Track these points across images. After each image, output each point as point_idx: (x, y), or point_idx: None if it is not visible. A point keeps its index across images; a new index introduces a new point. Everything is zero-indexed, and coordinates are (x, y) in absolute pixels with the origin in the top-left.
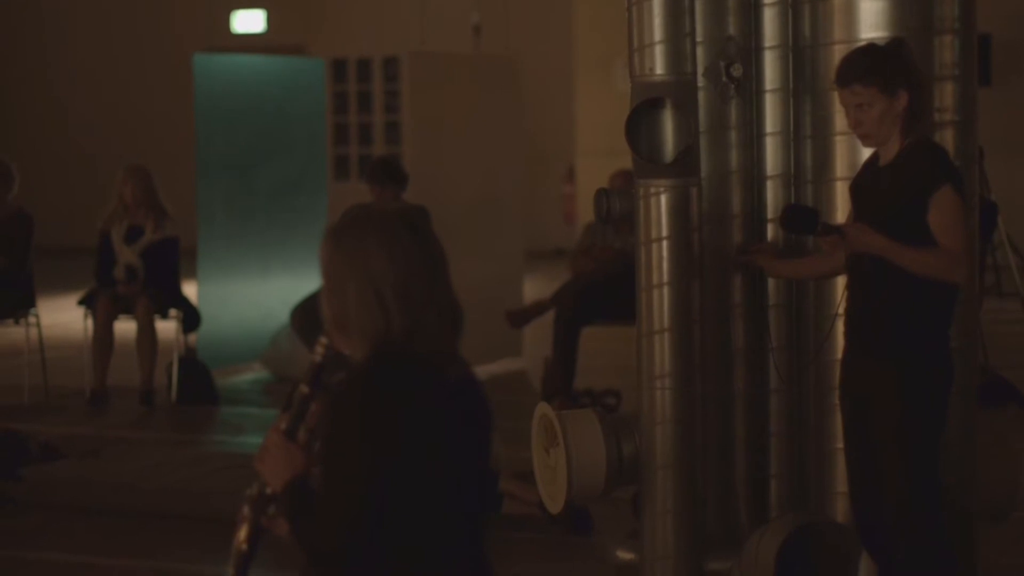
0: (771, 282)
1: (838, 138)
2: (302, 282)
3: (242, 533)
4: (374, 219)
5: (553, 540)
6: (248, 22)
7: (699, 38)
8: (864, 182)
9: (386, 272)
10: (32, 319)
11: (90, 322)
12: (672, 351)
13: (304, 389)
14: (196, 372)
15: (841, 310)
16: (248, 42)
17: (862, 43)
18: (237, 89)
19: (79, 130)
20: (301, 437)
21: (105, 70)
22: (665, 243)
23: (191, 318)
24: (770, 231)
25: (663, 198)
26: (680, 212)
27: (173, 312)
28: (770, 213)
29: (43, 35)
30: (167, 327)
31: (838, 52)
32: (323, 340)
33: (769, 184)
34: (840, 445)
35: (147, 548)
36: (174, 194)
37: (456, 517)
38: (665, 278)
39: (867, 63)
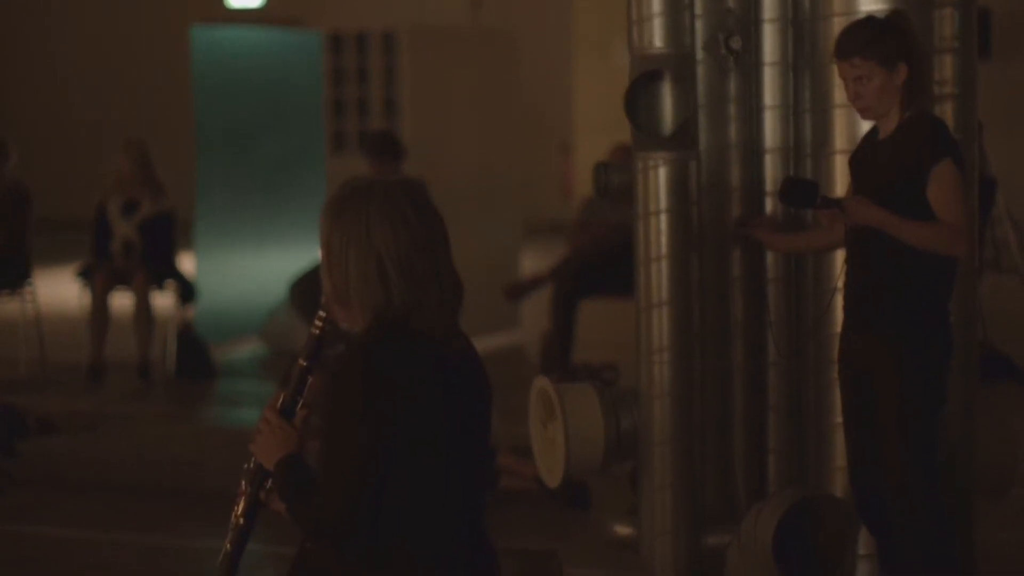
0: (770, 256)
1: (837, 111)
2: (300, 256)
3: (240, 507)
4: (376, 190)
5: (551, 515)
6: None
7: (698, 11)
8: (863, 156)
9: (388, 243)
10: (29, 293)
11: (87, 296)
12: (671, 325)
13: (302, 363)
14: (193, 346)
15: (840, 284)
16: (245, 14)
17: (862, 15)
18: (235, 62)
19: (80, 103)
20: (299, 412)
21: (107, 43)
22: (664, 216)
23: (186, 292)
24: (769, 205)
25: (662, 171)
26: (679, 185)
27: (169, 283)
28: (769, 187)
29: (45, 10)
30: (164, 302)
31: (838, 24)
32: (322, 314)
33: (768, 157)
34: (839, 420)
35: (145, 522)
36: (174, 167)
37: (456, 492)
38: (664, 251)
39: (867, 35)
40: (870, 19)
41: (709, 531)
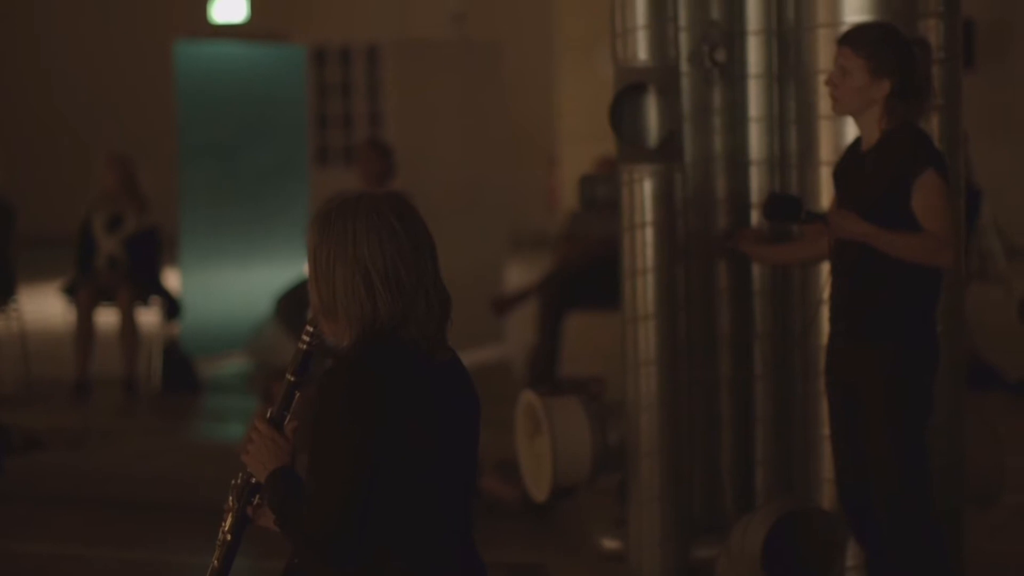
0: (756, 268)
1: (822, 122)
2: (285, 270)
3: (227, 523)
4: (363, 204)
5: (539, 528)
6: (228, 11)
7: (682, 23)
8: (847, 167)
9: (374, 257)
10: (14, 309)
11: (72, 312)
12: (657, 337)
13: (290, 378)
14: (179, 362)
15: (826, 296)
16: (230, 29)
17: (847, 26)
18: (219, 77)
19: (67, 117)
20: (288, 426)
21: (93, 57)
22: (649, 229)
23: (171, 308)
24: (754, 216)
25: (647, 184)
26: (664, 197)
27: (154, 299)
28: (754, 198)
29: (34, 25)
30: (149, 318)
31: (822, 36)
32: (310, 328)
33: (753, 169)
34: (827, 431)
35: (131, 538)
36: (160, 182)
37: (444, 504)
38: (649, 264)
39: (867, 36)
40: (882, 25)
41: (697, 543)
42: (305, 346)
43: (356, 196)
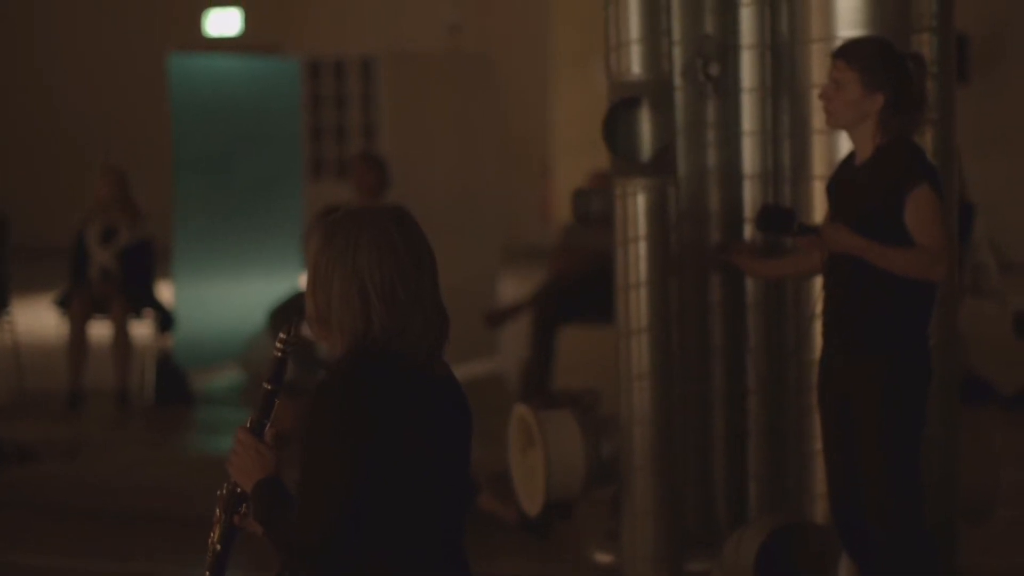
0: (749, 281)
1: (816, 137)
2: (278, 282)
3: (215, 534)
4: (367, 218)
5: (532, 541)
6: (222, 24)
7: (676, 37)
8: (841, 181)
9: (372, 271)
10: (7, 321)
11: (65, 323)
12: (650, 351)
13: (267, 387)
14: (172, 374)
15: (818, 310)
16: (224, 41)
17: (840, 41)
18: (213, 90)
19: (61, 129)
20: (267, 434)
21: (88, 69)
22: (642, 243)
23: (164, 320)
24: (748, 230)
25: (640, 197)
26: (657, 211)
27: (147, 312)
28: (748, 212)
29: (31, 37)
30: (142, 330)
31: (816, 50)
32: (282, 336)
33: (747, 183)
34: (819, 446)
35: (123, 549)
36: (154, 194)
37: (435, 517)
38: (643, 278)
39: (861, 49)
40: (878, 40)
41: (690, 556)
42: (280, 354)
43: (360, 210)
